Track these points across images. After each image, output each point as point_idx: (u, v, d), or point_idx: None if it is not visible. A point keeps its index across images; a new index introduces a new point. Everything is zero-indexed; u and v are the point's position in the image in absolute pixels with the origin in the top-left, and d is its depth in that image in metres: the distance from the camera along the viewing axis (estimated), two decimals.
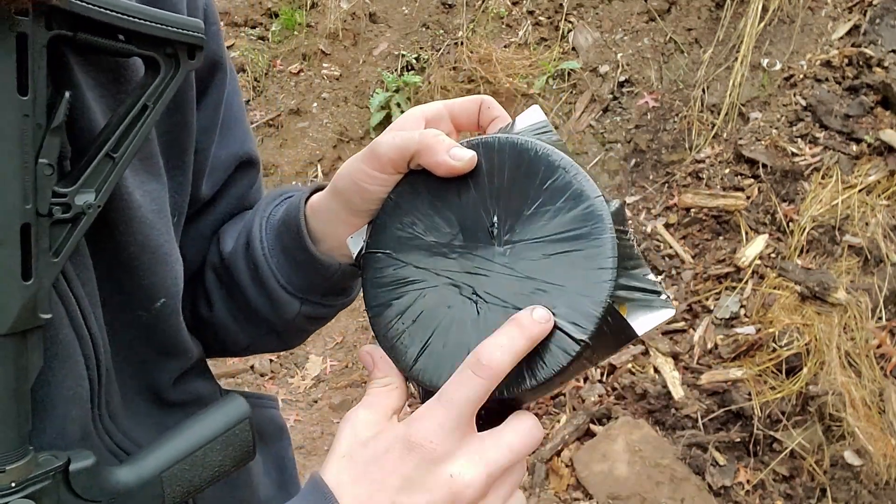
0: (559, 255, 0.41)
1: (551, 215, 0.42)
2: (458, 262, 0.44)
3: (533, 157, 0.43)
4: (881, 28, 2.83)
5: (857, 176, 2.46)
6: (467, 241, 0.44)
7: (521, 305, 0.41)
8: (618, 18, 3.55)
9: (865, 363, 2.09)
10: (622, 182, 3.22)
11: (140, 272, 0.46)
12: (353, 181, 0.48)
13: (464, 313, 0.43)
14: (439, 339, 0.44)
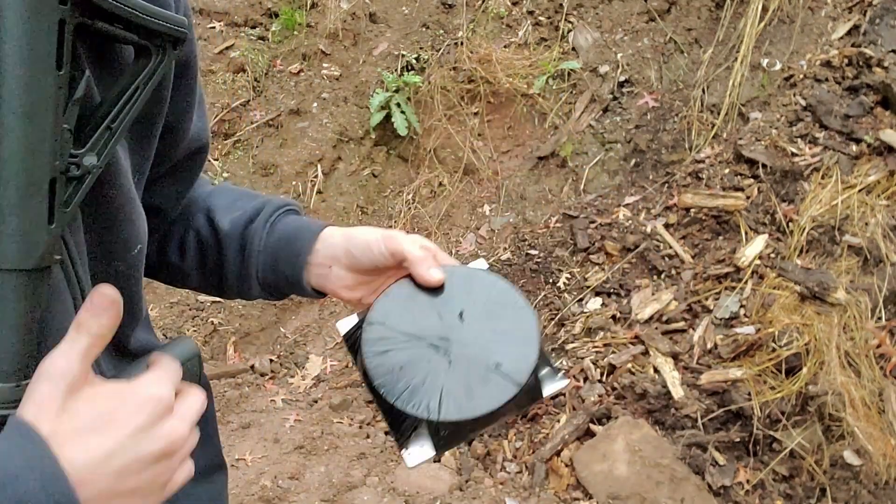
0: (505, 334, 0.63)
1: (501, 313, 0.64)
2: (436, 333, 0.63)
3: (486, 278, 0.68)
4: (881, 28, 2.83)
5: (857, 176, 2.47)
6: (443, 321, 0.64)
7: (480, 359, 0.61)
8: (618, 18, 3.55)
9: (865, 363, 2.09)
10: (622, 182, 3.22)
11: (122, 223, 0.55)
12: (370, 250, 0.67)
13: (438, 365, 0.61)
14: (420, 380, 0.60)
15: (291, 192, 3.61)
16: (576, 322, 2.61)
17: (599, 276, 2.73)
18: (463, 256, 3.31)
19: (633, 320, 2.51)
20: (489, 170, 3.52)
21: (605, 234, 2.87)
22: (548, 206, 3.33)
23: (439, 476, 2.18)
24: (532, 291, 2.85)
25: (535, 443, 2.30)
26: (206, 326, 3.17)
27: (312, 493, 2.10)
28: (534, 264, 2.95)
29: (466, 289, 0.66)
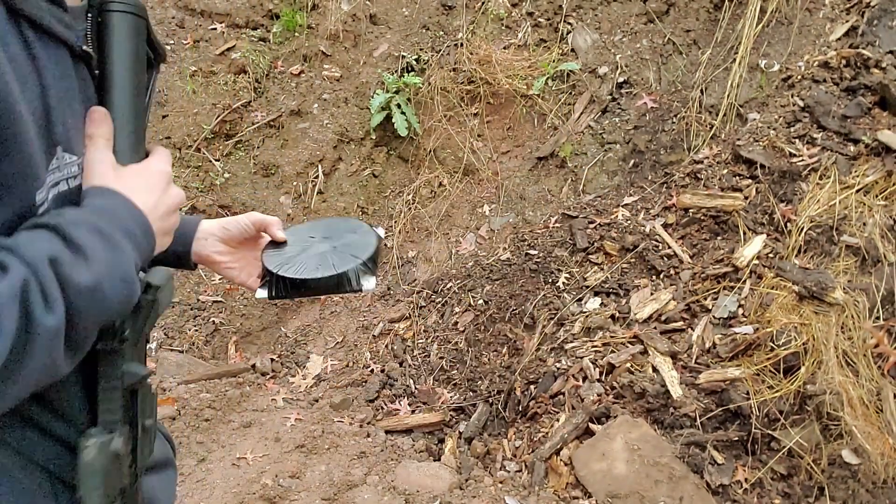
0: (350, 246, 1.00)
1: (351, 235, 1.03)
2: (305, 244, 1.01)
3: (345, 219, 1.10)
4: (879, 29, 2.84)
5: (855, 176, 2.47)
6: (312, 241, 1.03)
7: (327, 255, 0.99)
8: (617, 20, 3.57)
9: (863, 362, 2.10)
10: (621, 182, 3.23)
11: None
12: (237, 223, 0.97)
13: (302, 257, 0.98)
14: (286, 261, 0.97)
15: (292, 192, 3.63)
16: (575, 322, 2.62)
17: (598, 276, 2.74)
18: (463, 256, 3.32)
19: (631, 320, 2.52)
20: (489, 170, 3.53)
21: (605, 234, 2.88)
22: (547, 207, 3.34)
23: (439, 475, 2.19)
24: (531, 291, 2.86)
25: (534, 442, 2.31)
26: (208, 326, 3.18)
27: (313, 492, 2.11)
28: (533, 264, 2.96)
29: (327, 225, 1.07)
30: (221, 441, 2.36)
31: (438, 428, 2.55)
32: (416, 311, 3.10)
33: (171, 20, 3.93)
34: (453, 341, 2.89)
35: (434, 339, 2.95)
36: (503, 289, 2.94)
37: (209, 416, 2.48)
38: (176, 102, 3.71)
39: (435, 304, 3.10)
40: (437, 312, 3.07)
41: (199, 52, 3.88)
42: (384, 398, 2.74)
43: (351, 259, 0.96)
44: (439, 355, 2.87)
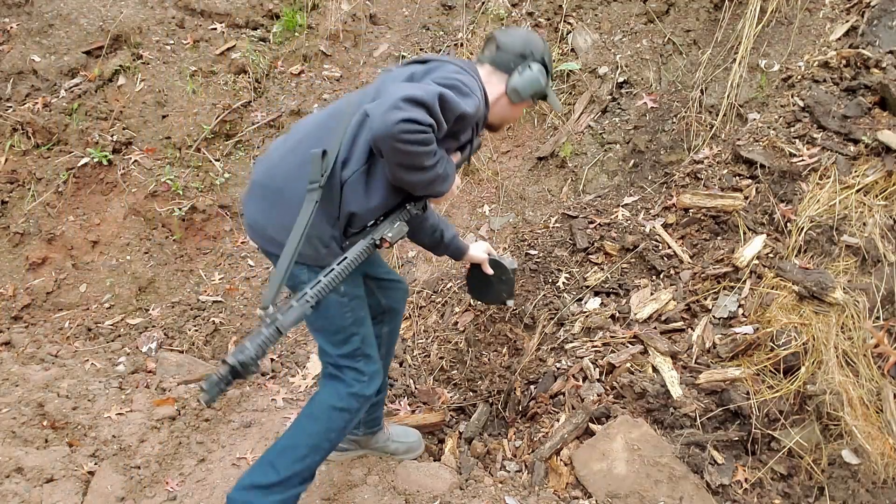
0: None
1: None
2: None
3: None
4: (879, 29, 2.84)
5: (855, 176, 2.47)
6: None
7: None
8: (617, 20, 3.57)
9: (863, 362, 2.10)
10: (621, 182, 3.23)
11: None
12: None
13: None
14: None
15: None
16: (575, 321, 2.62)
17: (598, 276, 2.74)
18: None
19: (631, 320, 2.52)
20: (489, 170, 3.53)
21: (605, 234, 2.88)
22: (547, 207, 3.34)
23: (439, 475, 2.19)
24: (532, 291, 2.86)
25: (534, 442, 2.31)
26: (208, 326, 3.18)
27: (313, 492, 2.11)
28: (533, 264, 2.96)
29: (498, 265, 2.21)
30: (221, 441, 2.37)
31: (438, 428, 2.55)
32: (416, 311, 3.10)
33: (171, 20, 3.93)
34: (453, 341, 2.89)
35: (434, 339, 2.95)
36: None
37: (209, 416, 2.48)
38: (176, 102, 3.71)
39: (435, 304, 3.10)
40: (437, 312, 3.07)
41: (199, 52, 3.88)
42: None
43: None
44: (439, 355, 2.87)
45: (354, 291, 1.75)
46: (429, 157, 1.45)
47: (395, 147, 1.40)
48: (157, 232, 3.52)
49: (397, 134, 1.37)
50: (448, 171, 1.57)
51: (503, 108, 1.80)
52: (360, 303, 1.78)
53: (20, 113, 3.58)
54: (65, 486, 2.10)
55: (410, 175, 1.49)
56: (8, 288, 3.35)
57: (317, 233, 1.59)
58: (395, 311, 2.06)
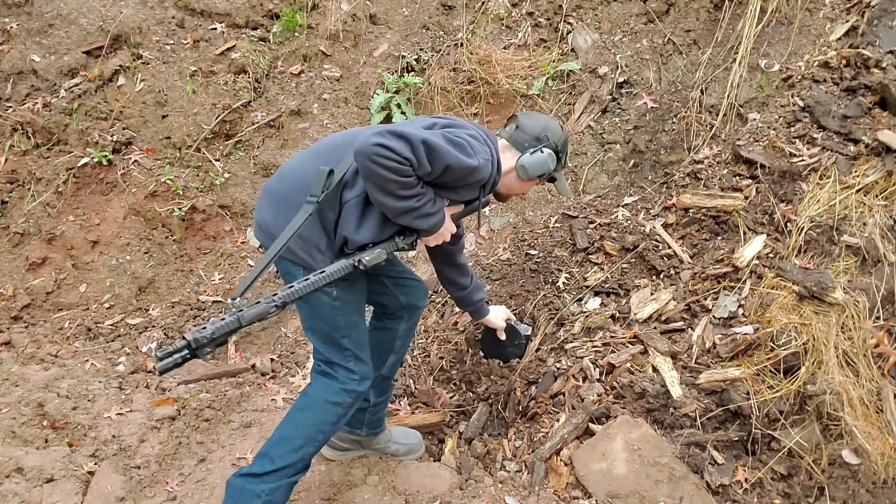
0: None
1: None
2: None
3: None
4: (879, 29, 2.84)
5: (855, 176, 2.47)
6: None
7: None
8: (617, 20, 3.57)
9: (863, 362, 2.10)
10: (621, 182, 3.23)
11: None
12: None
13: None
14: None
15: None
16: (575, 322, 2.62)
17: (598, 276, 2.74)
18: None
19: (632, 320, 2.52)
20: None
21: (605, 234, 2.88)
22: (547, 207, 3.34)
23: (439, 475, 2.19)
24: (532, 291, 2.86)
25: (534, 442, 2.31)
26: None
27: (313, 492, 2.11)
28: (533, 264, 2.96)
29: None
30: (221, 441, 2.37)
31: (438, 428, 2.55)
32: None
33: (171, 20, 3.93)
34: (453, 341, 2.89)
35: (434, 339, 2.95)
36: (503, 289, 2.94)
37: (209, 416, 2.48)
38: (176, 102, 3.71)
39: (435, 304, 3.10)
40: (437, 312, 3.07)
41: (199, 52, 3.88)
42: None
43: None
44: (439, 355, 2.87)
45: (348, 297, 1.84)
46: (401, 186, 1.59)
47: (366, 165, 1.56)
48: (157, 232, 3.52)
49: (370, 154, 1.53)
50: (430, 210, 1.69)
51: (511, 181, 1.97)
52: (353, 308, 1.86)
53: (20, 113, 3.58)
54: (65, 486, 2.10)
55: (382, 197, 1.63)
56: (8, 288, 3.35)
57: (314, 240, 1.74)
58: (414, 308, 2.12)
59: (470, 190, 1.81)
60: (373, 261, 1.71)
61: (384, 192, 1.61)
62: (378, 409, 2.17)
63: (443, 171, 1.63)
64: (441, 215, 1.75)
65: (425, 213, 1.69)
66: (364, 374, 1.89)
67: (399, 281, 2.09)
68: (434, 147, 1.57)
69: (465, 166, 1.65)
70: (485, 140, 1.78)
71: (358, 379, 1.88)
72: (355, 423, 2.16)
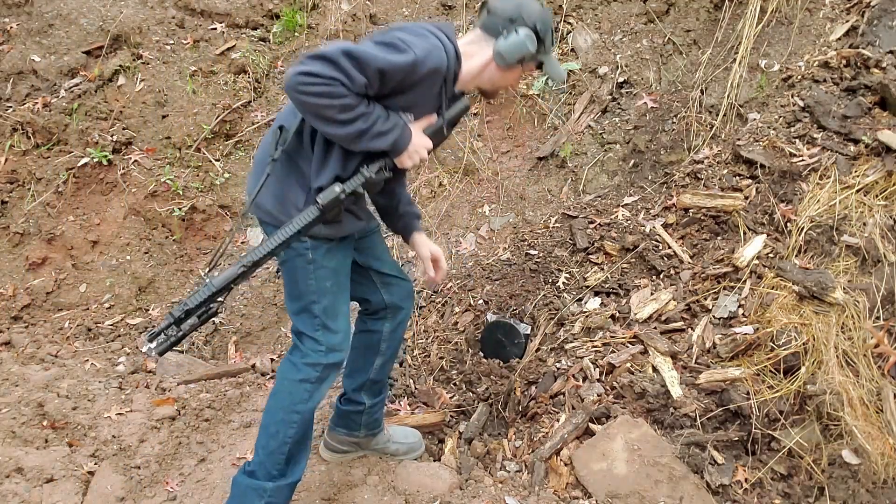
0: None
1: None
2: None
3: None
4: (879, 29, 2.84)
5: (855, 176, 2.47)
6: None
7: None
8: (617, 20, 3.57)
9: (863, 362, 2.10)
10: (621, 182, 3.23)
11: None
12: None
13: None
14: None
15: None
16: (575, 322, 2.62)
17: (598, 276, 2.74)
18: (463, 256, 3.32)
19: (632, 320, 2.52)
20: (489, 170, 3.53)
21: (605, 234, 2.88)
22: (547, 207, 3.34)
23: (439, 475, 2.19)
24: (532, 291, 2.86)
25: (534, 442, 2.31)
26: (208, 326, 3.18)
27: (313, 492, 2.11)
28: (533, 264, 2.96)
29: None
30: (221, 441, 2.37)
31: (438, 428, 2.55)
32: (416, 311, 3.10)
33: (171, 20, 3.93)
34: (453, 341, 2.89)
35: (434, 339, 2.95)
36: (503, 289, 2.94)
37: (209, 416, 2.48)
38: (176, 102, 3.71)
39: (435, 304, 3.10)
40: (437, 312, 3.07)
41: (199, 52, 3.88)
42: None
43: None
44: (439, 355, 2.87)
45: (325, 262, 1.77)
46: (339, 110, 1.48)
47: (296, 99, 1.48)
48: (157, 232, 3.52)
49: (295, 86, 1.45)
50: (383, 128, 1.57)
51: (492, 74, 1.76)
52: (328, 274, 1.78)
53: (20, 113, 3.58)
54: (65, 486, 2.10)
55: (326, 127, 1.54)
56: (8, 288, 3.35)
57: (292, 199, 1.70)
58: (396, 308, 2.06)
59: (427, 93, 1.64)
60: (327, 198, 1.61)
61: (326, 121, 1.51)
62: (375, 411, 2.16)
63: (380, 78, 1.50)
64: (400, 132, 1.62)
65: (378, 132, 1.56)
66: (331, 345, 1.80)
67: (386, 278, 2.04)
68: (357, 55, 1.45)
69: (400, 64, 1.50)
70: (427, 32, 1.61)
71: (324, 350, 1.79)
72: (353, 425, 2.15)
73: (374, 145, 1.59)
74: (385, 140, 1.59)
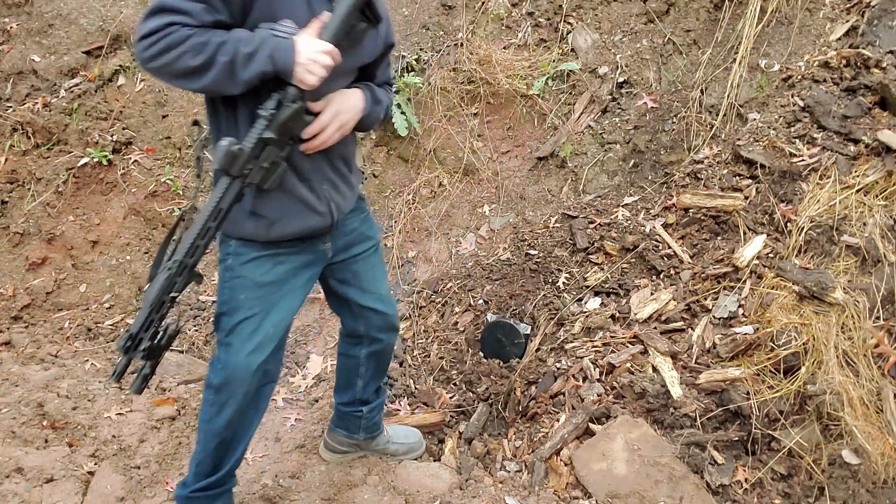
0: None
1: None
2: None
3: None
4: (879, 29, 2.84)
5: (855, 176, 2.47)
6: None
7: None
8: (617, 20, 3.56)
9: (863, 362, 2.10)
10: (621, 182, 3.23)
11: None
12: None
13: None
14: None
15: None
16: (575, 322, 2.62)
17: (598, 276, 2.74)
18: (463, 256, 3.32)
19: (632, 320, 2.52)
20: (489, 170, 3.53)
21: (605, 234, 2.88)
22: (547, 207, 3.34)
23: (439, 475, 2.19)
24: (532, 291, 2.86)
25: (534, 442, 2.31)
26: (207, 326, 3.18)
27: (313, 492, 2.11)
28: (533, 264, 2.96)
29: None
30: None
31: (438, 428, 2.55)
32: (416, 311, 3.10)
33: None
34: (453, 341, 2.89)
35: (434, 339, 2.95)
36: (503, 289, 2.94)
37: None
38: (176, 102, 3.71)
39: (435, 304, 3.10)
40: (437, 312, 3.07)
41: None
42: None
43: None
44: (439, 355, 2.87)
45: (245, 271, 1.53)
46: (191, 55, 1.25)
47: (151, 69, 1.28)
48: (157, 232, 3.52)
49: (143, 58, 1.26)
50: (248, 49, 1.28)
51: None
52: (241, 285, 1.53)
53: (20, 113, 3.58)
54: (65, 486, 2.10)
55: (195, 83, 1.29)
56: (8, 288, 3.35)
57: None
58: (372, 339, 1.87)
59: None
60: (218, 157, 1.35)
61: (190, 76, 1.27)
62: (373, 416, 2.13)
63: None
64: (273, 45, 1.29)
65: (245, 55, 1.27)
66: (229, 365, 1.57)
67: (366, 311, 1.80)
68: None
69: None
70: None
71: (220, 368, 1.58)
72: (352, 427, 2.15)
73: (251, 73, 1.28)
74: (259, 61, 1.28)
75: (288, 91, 1.35)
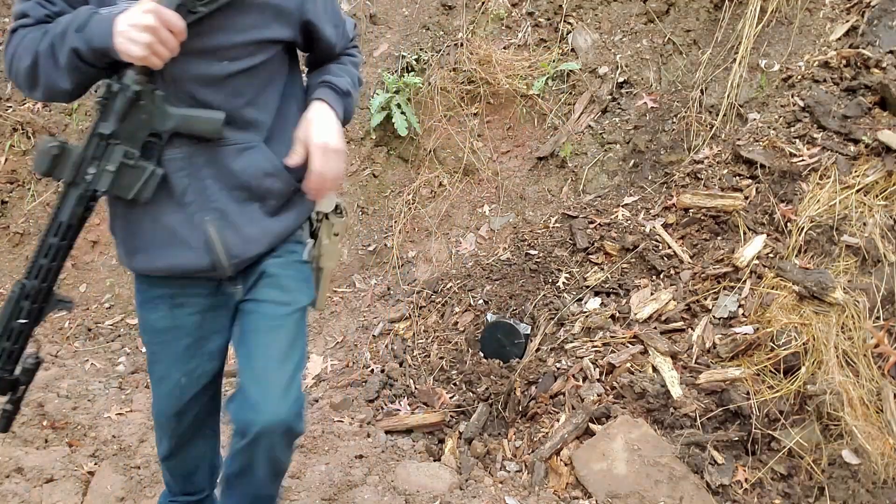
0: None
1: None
2: None
3: None
4: (879, 29, 2.84)
5: (855, 176, 2.47)
6: None
7: None
8: (617, 20, 3.57)
9: (863, 362, 2.10)
10: (621, 182, 3.23)
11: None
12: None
13: None
14: None
15: None
16: (575, 322, 2.62)
17: (598, 276, 2.74)
18: (463, 256, 3.32)
19: (632, 320, 2.52)
20: (489, 170, 3.53)
21: (605, 234, 2.88)
22: (547, 207, 3.34)
23: (439, 475, 2.19)
24: (532, 291, 2.86)
25: (534, 442, 2.31)
26: None
27: (313, 492, 2.11)
28: (533, 264, 2.96)
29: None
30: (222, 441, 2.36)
31: (438, 428, 2.55)
32: (416, 311, 3.10)
33: None
34: (453, 341, 2.89)
35: (434, 339, 2.95)
36: (503, 289, 2.94)
37: None
38: None
39: (435, 304, 3.10)
40: (437, 312, 3.07)
41: None
42: (384, 398, 2.74)
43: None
44: (439, 355, 2.87)
45: (143, 310, 1.28)
46: (23, 57, 1.10)
47: (22, 87, 1.15)
48: None
49: (16, 80, 1.14)
50: (65, 26, 1.08)
51: None
52: (144, 327, 1.29)
53: (20, 113, 3.58)
54: (65, 486, 2.10)
55: (51, 79, 1.10)
56: (8, 288, 3.35)
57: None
58: (242, 432, 1.25)
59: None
60: (35, 155, 1.15)
61: (46, 76, 1.10)
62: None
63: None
64: (84, 16, 1.08)
65: (61, 33, 1.07)
66: (153, 405, 1.36)
67: (244, 382, 1.27)
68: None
69: None
70: None
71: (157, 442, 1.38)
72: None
73: (64, 56, 1.07)
74: (73, 35, 1.06)
75: (126, 74, 1.08)
